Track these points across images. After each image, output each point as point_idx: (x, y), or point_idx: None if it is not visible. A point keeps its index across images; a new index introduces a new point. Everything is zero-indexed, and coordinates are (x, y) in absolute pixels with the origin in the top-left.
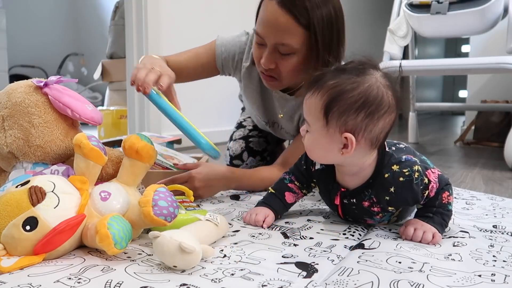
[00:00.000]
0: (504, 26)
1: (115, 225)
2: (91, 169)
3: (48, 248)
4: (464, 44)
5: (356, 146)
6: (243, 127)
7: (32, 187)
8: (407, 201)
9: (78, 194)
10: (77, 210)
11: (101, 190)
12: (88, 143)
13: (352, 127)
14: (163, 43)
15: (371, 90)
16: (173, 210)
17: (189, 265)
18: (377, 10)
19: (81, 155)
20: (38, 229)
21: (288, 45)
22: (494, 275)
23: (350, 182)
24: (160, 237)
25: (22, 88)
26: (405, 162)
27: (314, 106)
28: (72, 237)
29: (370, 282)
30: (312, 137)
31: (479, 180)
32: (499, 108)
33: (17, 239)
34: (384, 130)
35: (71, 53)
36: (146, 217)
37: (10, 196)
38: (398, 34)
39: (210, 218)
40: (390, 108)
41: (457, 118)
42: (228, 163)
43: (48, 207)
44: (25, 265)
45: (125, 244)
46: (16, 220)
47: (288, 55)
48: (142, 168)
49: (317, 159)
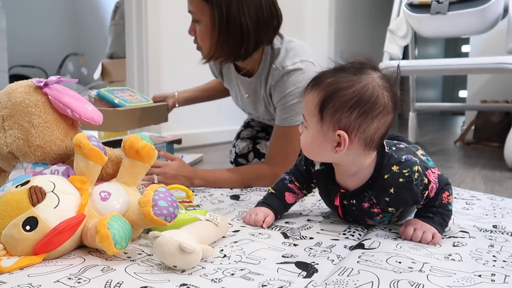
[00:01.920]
0: (504, 26)
1: (115, 225)
2: (91, 169)
3: (48, 248)
4: (464, 44)
5: (349, 145)
6: (251, 127)
7: (32, 187)
8: (407, 201)
9: (78, 194)
10: (77, 210)
11: (101, 190)
12: (88, 143)
13: (345, 125)
14: (163, 43)
15: (366, 89)
16: (173, 210)
17: (189, 265)
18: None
19: (81, 155)
20: (38, 229)
21: (192, 12)
22: (494, 275)
23: (350, 183)
24: (160, 237)
25: (22, 88)
26: (405, 162)
27: (311, 102)
28: (72, 237)
29: (370, 282)
30: (309, 133)
31: (479, 180)
32: (499, 108)
33: (17, 239)
34: (379, 131)
35: (71, 53)
36: (146, 217)
37: (10, 196)
38: (398, 34)
39: (210, 218)
40: (385, 109)
41: (457, 118)
42: (232, 161)
43: (48, 207)
44: (25, 265)
45: (125, 244)
46: (16, 220)
47: (197, 22)
48: (142, 168)
49: (312, 156)
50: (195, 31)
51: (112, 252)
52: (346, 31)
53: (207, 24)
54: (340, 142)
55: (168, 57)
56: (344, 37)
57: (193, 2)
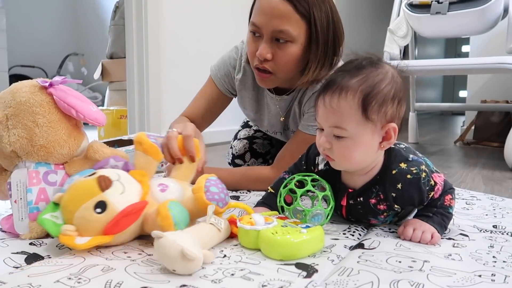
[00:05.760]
0: (504, 26)
1: (175, 207)
2: (150, 164)
3: (116, 229)
4: (464, 44)
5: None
6: (248, 127)
7: (100, 176)
8: (413, 199)
9: (139, 185)
10: (140, 197)
11: (159, 183)
12: (148, 140)
13: (391, 116)
14: (163, 43)
15: (394, 77)
16: (224, 196)
17: (189, 271)
18: (377, 10)
19: (141, 151)
20: (107, 211)
21: (286, 31)
22: (494, 275)
23: (358, 181)
24: (163, 238)
25: (27, 88)
26: (413, 161)
27: (348, 108)
28: (135, 223)
29: (370, 282)
30: (351, 141)
31: (479, 180)
32: (499, 108)
33: (89, 220)
34: (403, 114)
35: (71, 53)
36: (199, 202)
37: (81, 184)
38: (398, 34)
39: (214, 222)
40: (405, 93)
41: (457, 118)
42: (229, 162)
43: (115, 192)
44: (97, 243)
45: (183, 227)
46: (88, 204)
47: (285, 43)
48: (192, 166)
49: (355, 164)
50: (274, 54)
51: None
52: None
53: (303, 43)
54: (385, 136)
55: (168, 57)
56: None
57: (291, 20)
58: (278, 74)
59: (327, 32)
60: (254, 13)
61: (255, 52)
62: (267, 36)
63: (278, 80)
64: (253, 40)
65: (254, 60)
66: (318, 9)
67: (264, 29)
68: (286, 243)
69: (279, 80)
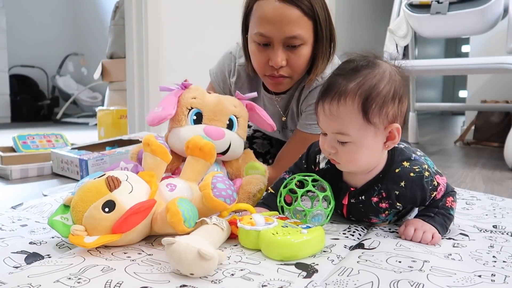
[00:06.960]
0: (504, 26)
1: (184, 204)
2: (158, 165)
3: (124, 227)
4: (464, 44)
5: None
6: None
7: (109, 176)
8: (416, 198)
9: (147, 185)
10: (148, 197)
11: (167, 183)
12: (156, 141)
13: (393, 116)
14: (163, 43)
15: (392, 75)
16: (231, 193)
17: (207, 272)
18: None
19: (150, 152)
20: (116, 210)
21: (299, 36)
22: (494, 275)
23: (360, 180)
24: (175, 244)
25: None
26: (415, 161)
27: (348, 113)
28: (143, 222)
29: (370, 282)
30: (355, 145)
31: (479, 180)
32: (499, 108)
33: (97, 219)
34: (405, 111)
35: (71, 53)
36: (206, 199)
37: (90, 185)
38: (398, 34)
39: (217, 222)
40: (407, 88)
41: (457, 118)
42: None
43: (123, 192)
44: (106, 241)
45: (193, 223)
46: (97, 203)
47: (299, 46)
48: (204, 166)
49: (361, 166)
50: (288, 59)
51: (181, 229)
52: (346, 31)
53: (311, 43)
54: (389, 136)
55: (168, 57)
56: (344, 37)
57: (301, 23)
58: (294, 76)
59: (327, 26)
60: (259, 23)
61: (265, 62)
62: (278, 44)
63: (292, 82)
64: (260, 50)
65: (266, 70)
66: (319, 5)
67: (275, 38)
68: (286, 244)
69: (293, 82)
